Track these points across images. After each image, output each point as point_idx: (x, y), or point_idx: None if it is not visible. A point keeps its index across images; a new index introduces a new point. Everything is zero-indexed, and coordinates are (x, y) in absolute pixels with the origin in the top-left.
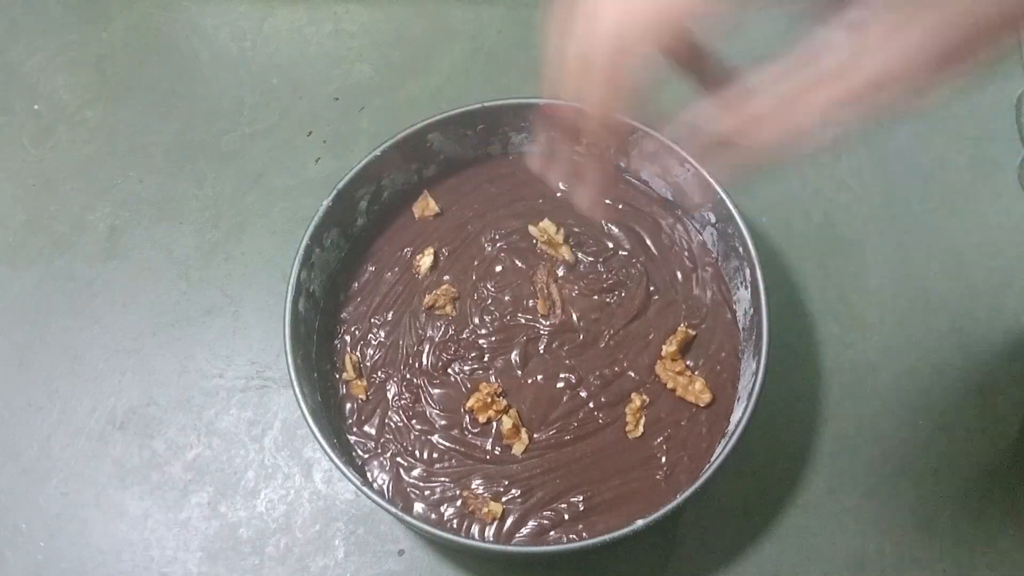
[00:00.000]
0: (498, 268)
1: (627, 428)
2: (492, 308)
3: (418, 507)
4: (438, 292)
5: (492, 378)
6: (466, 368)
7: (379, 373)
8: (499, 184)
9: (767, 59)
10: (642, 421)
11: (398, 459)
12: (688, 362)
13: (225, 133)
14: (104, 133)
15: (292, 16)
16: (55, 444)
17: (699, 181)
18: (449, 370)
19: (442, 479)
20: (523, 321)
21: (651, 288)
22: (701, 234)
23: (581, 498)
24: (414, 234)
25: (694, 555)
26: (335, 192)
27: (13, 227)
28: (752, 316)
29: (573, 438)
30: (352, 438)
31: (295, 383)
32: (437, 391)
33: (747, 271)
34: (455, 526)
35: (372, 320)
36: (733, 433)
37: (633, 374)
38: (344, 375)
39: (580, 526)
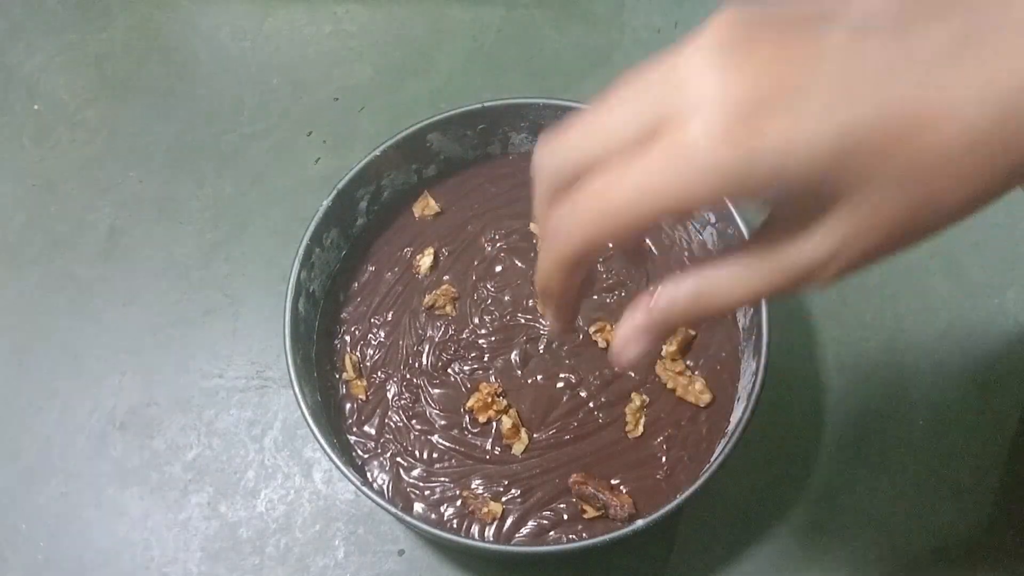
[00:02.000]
0: (498, 268)
1: (627, 428)
2: (492, 308)
3: (418, 507)
4: (438, 292)
5: (492, 378)
6: (466, 368)
7: (379, 373)
8: (499, 184)
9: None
10: (642, 421)
11: (398, 459)
12: (688, 362)
13: (225, 133)
14: (104, 133)
15: (292, 16)
16: (55, 444)
17: None
18: (449, 370)
19: (442, 479)
20: (523, 321)
21: (651, 288)
22: (701, 234)
23: None
24: (414, 234)
25: (694, 555)
26: (335, 192)
27: (13, 227)
28: (752, 316)
29: (573, 438)
30: (352, 438)
31: (295, 383)
32: (437, 391)
33: None
34: (455, 526)
35: (372, 320)
36: (733, 433)
37: (633, 374)
38: (344, 375)
39: (580, 526)
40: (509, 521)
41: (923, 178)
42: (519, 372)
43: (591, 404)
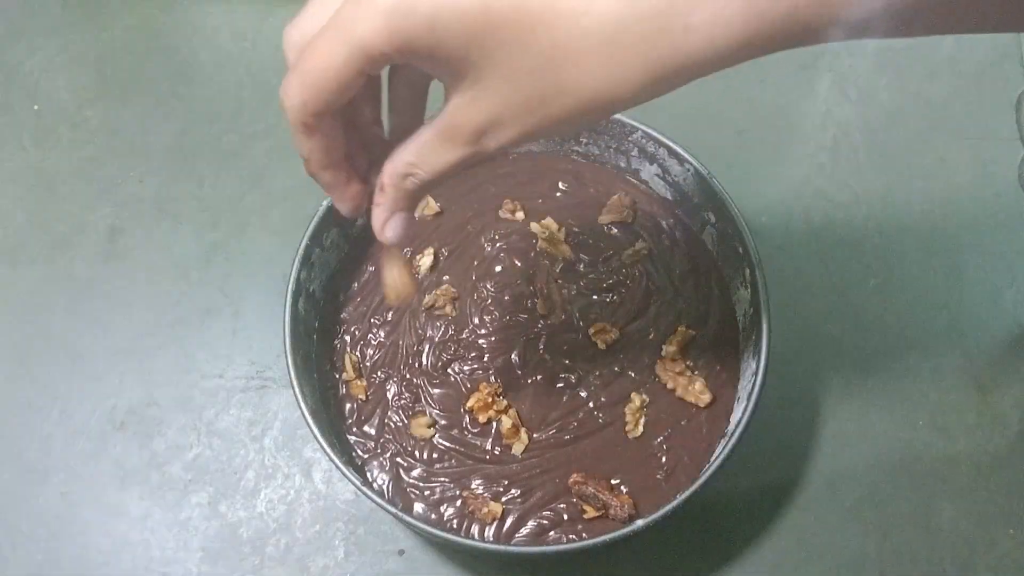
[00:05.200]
0: (498, 268)
1: (627, 428)
2: (492, 308)
3: (418, 507)
4: (438, 292)
5: (492, 378)
6: (466, 368)
7: (379, 373)
8: (499, 184)
9: None
10: (642, 421)
11: (398, 459)
12: (688, 362)
13: (225, 133)
14: (104, 133)
15: (292, 16)
16: (55, 444)
17: (699, 180)
18: (449, 370)
19: (442, 479)
20: (523, 321)
21: (651, 288)
22: (701, 234)
23: None
24: (414, 234)
25: (694, 555)
26: None
27: (13, 227)
28: (752, 316)
29: (573, 438)
30: (352, 438)
31: (295, 383)
32: (437, 391)
33: (747, 271)
34: (455, 526)
35: (372, 320)
36: (733, 433)
37: (633, 374)
38: (344, 375)
39: (580, 526)
40: (509, 521)
41: (554, 66)
42: (519, 372)
43: (591, 404)
